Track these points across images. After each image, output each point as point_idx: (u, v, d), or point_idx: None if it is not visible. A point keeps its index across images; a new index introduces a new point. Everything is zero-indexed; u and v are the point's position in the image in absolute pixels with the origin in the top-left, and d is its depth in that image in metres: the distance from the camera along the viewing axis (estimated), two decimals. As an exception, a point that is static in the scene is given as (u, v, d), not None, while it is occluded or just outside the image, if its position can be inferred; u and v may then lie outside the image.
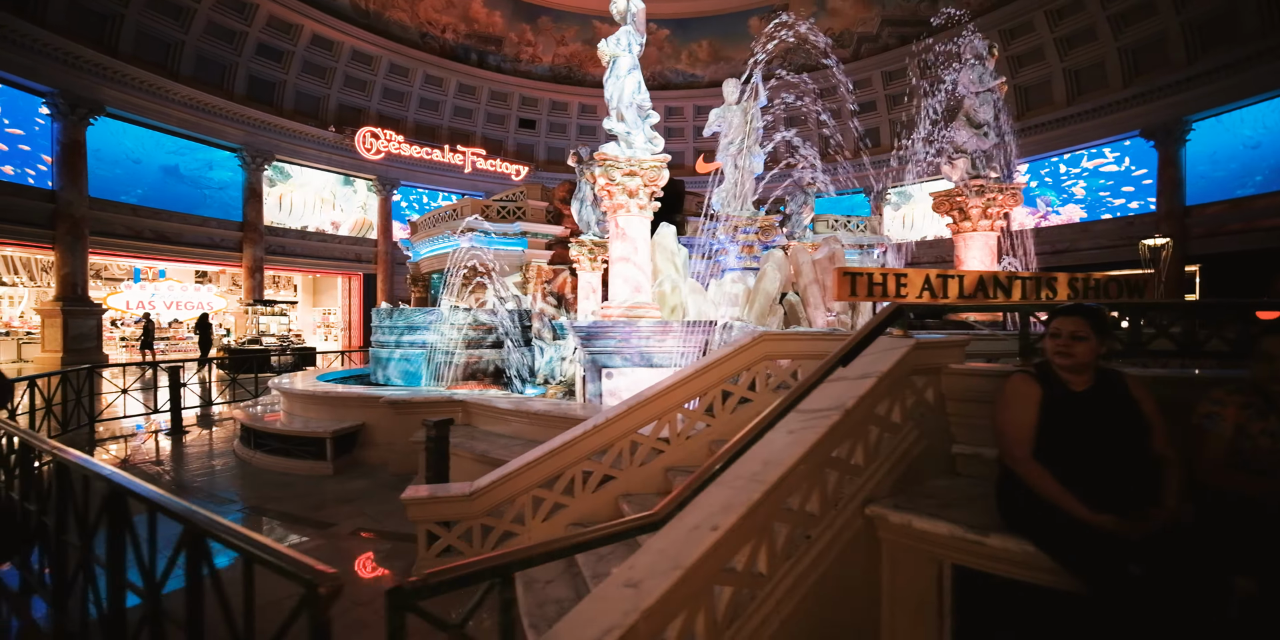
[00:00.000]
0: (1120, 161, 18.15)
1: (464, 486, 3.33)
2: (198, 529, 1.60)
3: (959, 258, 6.96)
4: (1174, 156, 16.57)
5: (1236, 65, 15.11)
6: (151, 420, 8.19)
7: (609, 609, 1.72)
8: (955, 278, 3.88)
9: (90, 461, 2.45)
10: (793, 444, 2.17)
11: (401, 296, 23.21)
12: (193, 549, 1.85)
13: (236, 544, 1.52)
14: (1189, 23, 15.94)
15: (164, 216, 17.09)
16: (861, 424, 2.38)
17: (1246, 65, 14.92)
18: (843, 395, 2.34)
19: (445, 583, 1.40)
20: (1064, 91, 18.95)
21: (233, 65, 18.31)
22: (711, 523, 1.94)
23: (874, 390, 2.36)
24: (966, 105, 6.68)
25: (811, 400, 2.35)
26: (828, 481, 2.29)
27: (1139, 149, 17.58)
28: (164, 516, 1.96)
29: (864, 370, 2.44)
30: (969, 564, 2.19)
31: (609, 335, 5.39)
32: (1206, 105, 15.89)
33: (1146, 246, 14.86)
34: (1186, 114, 16.34)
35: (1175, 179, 16.56)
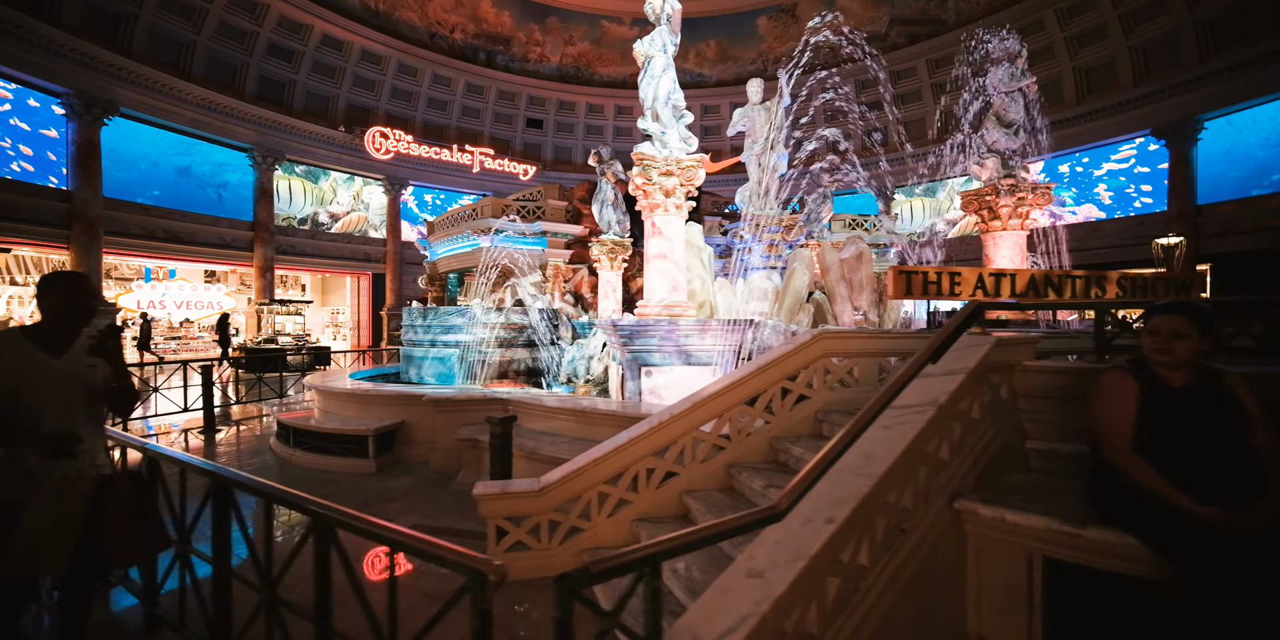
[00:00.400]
0: (1130, 160, 18.20)
1: (532, 482, 3.37)
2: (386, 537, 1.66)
3: (987, 256, 7.01)
4: (1185, 155, 16.60)
5: (1249, 64, 15.14)
6: (173, 419, 8.23)
7: (738, 598, 1.77)
8: (1008, 276, 3.93)
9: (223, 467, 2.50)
10: (892, 438, 2.21)
11: (411, 296, 23.23)
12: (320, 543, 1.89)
13: (405, 542, 1.57)
14: (1201, 21, 15.97)
15: (177, 216, 17.12)
16: (949, 420, 2.42)
17: (1259, 64, 14.95)
18: (933, 391, 2.38)
19: (606, 571, 1.44)
20: (1074, 90, 18.99)
21: (244, 65, 18.33)
22: (825, 515, 1.98)
23: (962, 387, 2.40)
24: (996, 104, 6.72)
25: (902, 396, 2.39)
26: (919, 476, 2.33)
27: (1150, 148, 17.62)
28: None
29: (949, 367, 2.49)
30: (1061, 556, 2.24)
31: (650, 334, 5.43)
32: (1219, 104, 15.92)
33: (1160, 245, 14.90)
34: (1198, 113, 16.36)
35: (1187, 178, 16.59)
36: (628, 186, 10.96)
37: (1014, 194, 6.58)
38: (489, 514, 3.31)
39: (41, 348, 2.09)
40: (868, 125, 23.36)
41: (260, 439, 7.22)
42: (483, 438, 5.07)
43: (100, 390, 2.22)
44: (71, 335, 2.17)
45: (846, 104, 21.45)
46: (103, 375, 2.21)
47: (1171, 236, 15.05)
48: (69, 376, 2.13)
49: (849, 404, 3.78)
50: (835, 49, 9.50)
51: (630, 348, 5.49)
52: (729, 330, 5.62)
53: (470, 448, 5.11)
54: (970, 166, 6.92)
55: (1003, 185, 6.47)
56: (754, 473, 3.39)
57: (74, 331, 2.17)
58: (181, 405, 8.19)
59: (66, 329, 2.15)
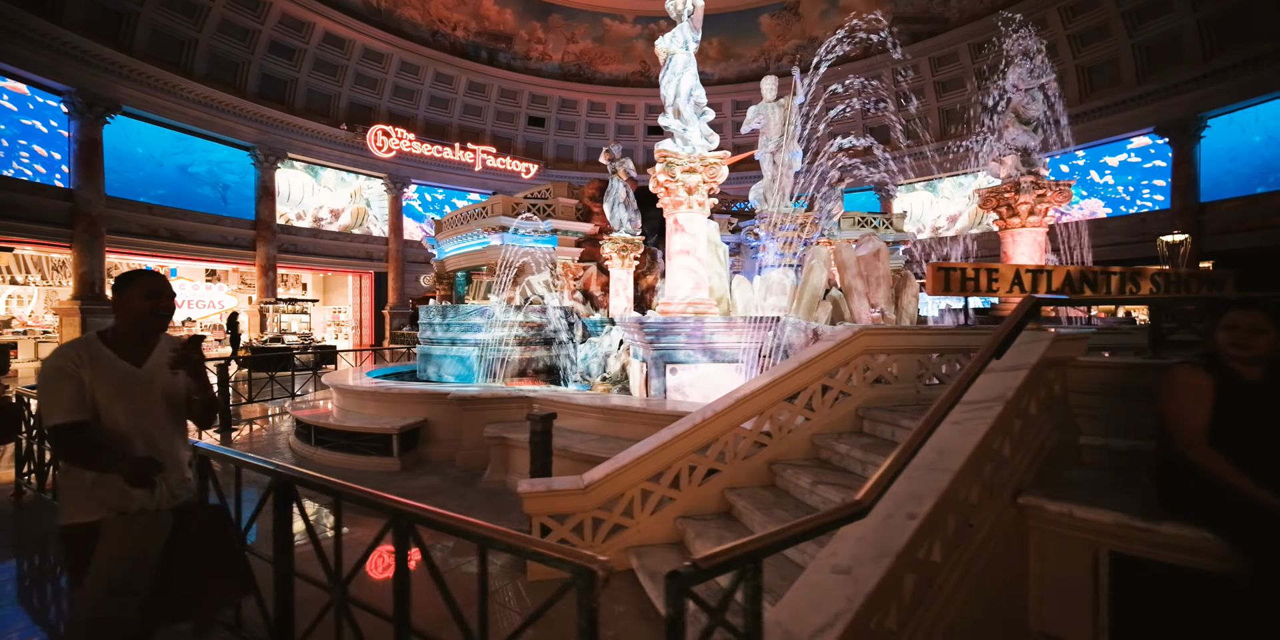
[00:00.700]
0: (1133, 158, 18.27)
1: (576, 480, 3.36)
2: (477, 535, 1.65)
3: (1006, 253, 7.01)
4: (1189, 153, 16.68)
5: (1253, 62, 15.21)
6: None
7: (827, 594, 1.76)
8: (1045, 273, 3.93)
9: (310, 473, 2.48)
10: (963, 434, 2.21)
11: (413, 295, 23.17)
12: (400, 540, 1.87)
13: (501, 539, 1.55)
14: (1205, 20, 16.04)
15: (179, 215, 17.01)
16: (1012, 416, 2.42)
17: (1263, 62, 15.02)
18: (998, 387, 2.38)
19: (714, 568, 1.43)
20: (1077, 88, 19.04)
21: (245, 63, 18.21)
22: (906, 511, 1.97)
23: (1026, 382, 2.40)
24: (1016, 102, 6.72)
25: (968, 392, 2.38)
26: (985, 472, 2.33)
27: (1153, 146, 17.70)
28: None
29: (1012, 363, 2.48)
30: (1130, 551, 2.23)
31: (676, 331, 5.41)
32: (1222, 102, 15.99)
33: (1165, 243, 14.97)
34: (1201, 111, 16.44)
35: (1190, 175, 16.66)
36: (638, 184, 10.97)
37: (1034, 191, 6.59)
38: (533, 511, 3.29)
39: (121, 355, 1.89)
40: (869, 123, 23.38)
41: (277, 437, 7.17)
42: (510, 435, 5.06)
43: (183, 401, 2.04)
44: (151, 341, 1.98)
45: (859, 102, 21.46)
46: (185, 385, 2.03)
47: (1177, 234, 15.12)
48: (153, 387, 1.93)
49: (889, 401, 3.77)
50: (837, 48, 9.48)
51: (656, 346, 5.47)
52: (754, 327, 5.62)
53: (498, 445, 5.08)
54: (989, 163, 6.92)
55: (1024, 182, 6.47)
56: (798, 470, 3.38)
57: (153, 336, 1.98)
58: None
59: (145, 334, 1.95)
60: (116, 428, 1.85)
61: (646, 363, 5.73)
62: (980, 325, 4.36)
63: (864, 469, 3.23)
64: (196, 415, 2.08)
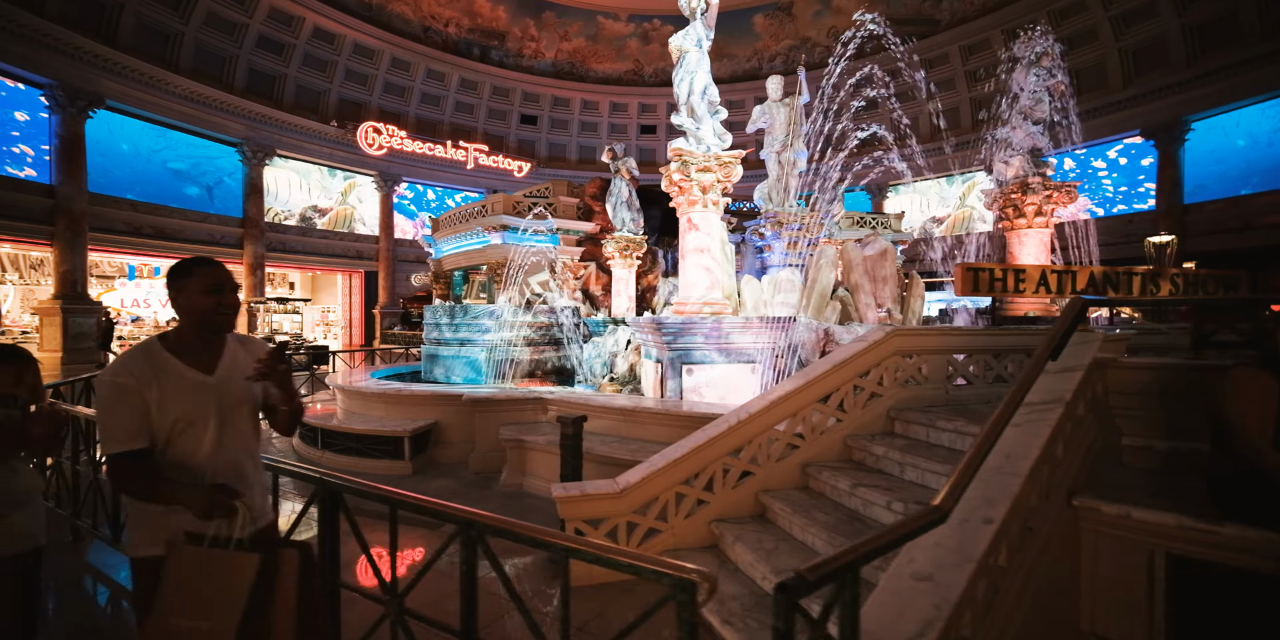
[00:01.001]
0: (1119, 160, 18.61)
1: (610, 484, 3.30)
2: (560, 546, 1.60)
3: (1012, 254, 7.08)
4: (1173, 156, 17.02)
5: (1235, 67, 15.55)
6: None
7: (914, 602, 1.73)
8: (1070, 274, 3.95)
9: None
10: (1026, 436, 2.20)
11: (404, 294, 22.86)
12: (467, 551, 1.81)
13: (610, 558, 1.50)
14: (1189, 25, 16.37)
15: (164, 212, 16.60)
16: (1067, 418, 2.41)
17: (1245, 67, 15.37)
18: (1055, 389, 2.37)
19: (821, 578, 1.39)
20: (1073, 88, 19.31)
21: (233, 58, 17.81)
22: (981, 516, 1.95)
23: (1082, 383, 2.40)
24: (1023, 104, 6.77)
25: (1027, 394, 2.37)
26: (1043, 474, 2.32)
27: (1138, 148, 18.04)
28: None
29: (1065, 364, 2.48)
30: (1188, 553, 2.24)
31: (694, 332, 5.37)
32: (1205, 106, 16.33)
33: (1152, 244, 15.26)
34: (1185, 114, 16.78)
35: (1174, 178, 17.01)
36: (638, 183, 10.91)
37: (1041, 192, 6.65)
38: (568, 516, 3.23)
39: (189, 363, 1.64)
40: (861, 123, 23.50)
41: (280, 441, 7.01)
42: (528, 437, 4.98)
43: (259, 410, 1.82)
44: (217, 342, 1.72)
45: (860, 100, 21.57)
46: (265, 393, 1.79)
47: (1163, 235, 15.43)
48: (229, 397, 1.68)
49: (919, 402, 3.77)
50: (830, 48, 9.50)
51: (674, 346, 5.43)
52: (770, 328, 5.60)
53: (514, 448, 5.01)
54: (996, 164, 6.98)
55: (1033, 183, 6.53)
56: (835, 472, 3.36)
57: (218, 337, 1.73)
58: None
59: (210, 335, 1.70)
60: (194, 448, 1.61)
61: (662, 363, 5.69)
62: (1006, 327, 4.38)
63: (902, 471, 3.22)
64: (281, 425, 1.85)
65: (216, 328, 1.69)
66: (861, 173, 10.04)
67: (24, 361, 1.98)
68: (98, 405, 1.62)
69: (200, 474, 1.62)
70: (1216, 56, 15.88)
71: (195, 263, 1.69)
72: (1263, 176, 15.47)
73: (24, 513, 1.91)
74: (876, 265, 7.69)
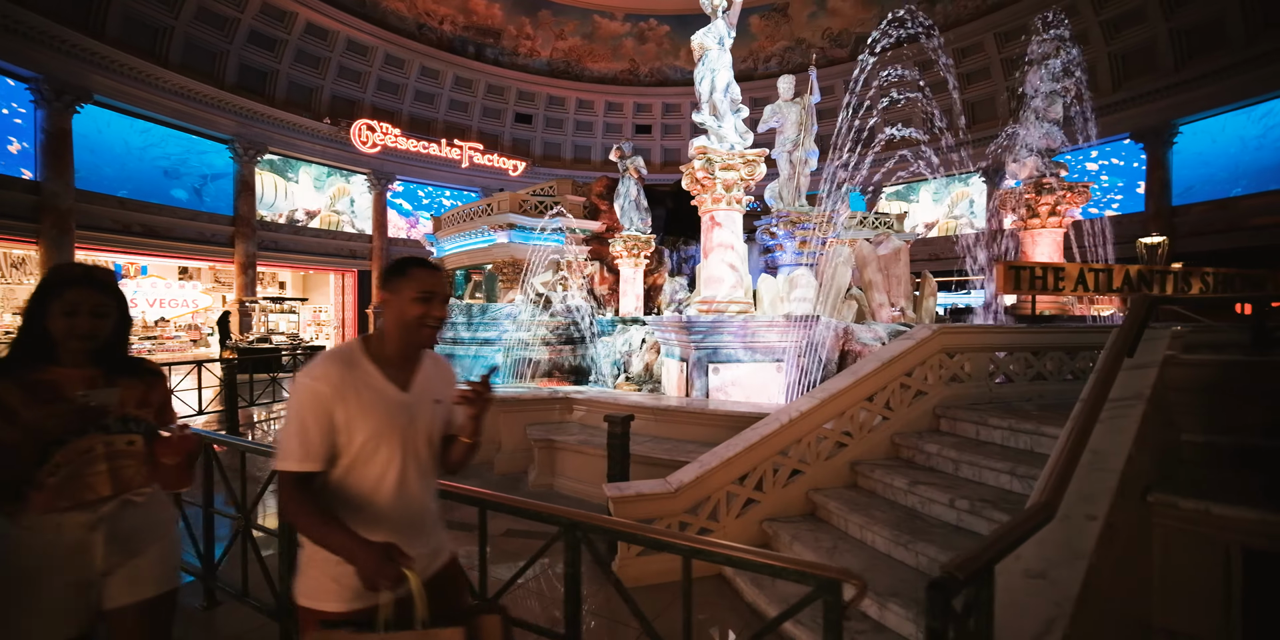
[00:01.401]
0: (1110, 162, 18.96)
1: (663, 484, 3.26)
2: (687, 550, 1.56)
3: (1025, 253, 7.15)
4: (1162, 159, 17.38)
5: (1222, 72, 15.90)
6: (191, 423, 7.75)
7: (1032, 600, 1.71)
8: (1106, 272, 3.98)
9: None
10: (1114, 432, 2.19)
11: (398, 294, 22.59)
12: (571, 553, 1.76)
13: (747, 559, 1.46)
14: (1177, 30, 16.71)
15: (153, 210, 16.22)
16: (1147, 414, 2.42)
17: (1231, 72, 15.72)
18: (1133, 385, 2.37)
19: (970, 577, 1.36)
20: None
21: (224, 53, 17.46)
22: (1084, 512, 1.94)
23: (1159, 378, 2.40)
24: (1036, 104, 6.85)
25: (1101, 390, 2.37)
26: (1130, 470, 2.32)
27: (1128, 150, 18.38)
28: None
29: (1139, 361, 2.48)
30: (1268, 548, 2.25)
31: (723, 330, 5.35)
32: (1193, 110, 16.68)
33: (1144, 245, 15.55)
34: (1174, 118, 17.13)
35: (1163, 180, 17.36)
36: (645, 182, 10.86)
37: (1053, 192, 6.72)
38: (622, 516, 3.17)
39: (388, 375, 1.41)
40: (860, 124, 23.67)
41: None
42: (558, 437, 4.92)
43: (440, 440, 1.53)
44: (416, 356, 1.49)
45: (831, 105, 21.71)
46: (452, 422, 1.55)
47: (1155, 236, 15.73)
48: (418, 420, 1.43)
49: (963, 399, 3.77)
50: (825, 50, 9.52)
51: (702, 345, 5.40)
52: (796, 326, 5.59)
53: (544, 448, 4.94)
54: (1009, 164, 7.05)
55: (1047, 183, 6.60)
56: (887, 470, 3.35)
57: (418, 351, 1.49)
58: (196, 408, 7.71)
59: (412, 348, 1.46)
60: (376, 481, 1.37)
61: (687, 362, 5.65)
62: (1044, 325, 4.42)
63: (957, 469, 3.22)
64: (454, 460, 1.57)
65: (420, 341, 1.45)
66: (872, 172, 10.07)
67: (151, 377, 1.65)
68: (288, 409, 1.38)
69: (379, 517, 1.37)
70: (1204, 61, 16.24)
71: (412, 263, 1.45)
72: (1250, 179, 15.84)
73: (159, 548, 1.58)
74: (890, 264, 7.74)
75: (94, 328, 1.47)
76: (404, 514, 1.41)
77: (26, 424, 1.36)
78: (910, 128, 17.51)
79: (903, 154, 22.16)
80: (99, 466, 1.46)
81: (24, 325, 1.47)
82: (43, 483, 1.40)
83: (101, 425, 1.47)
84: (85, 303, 1.45)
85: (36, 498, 1.40)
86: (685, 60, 24.70)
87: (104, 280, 1.53)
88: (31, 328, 1.46)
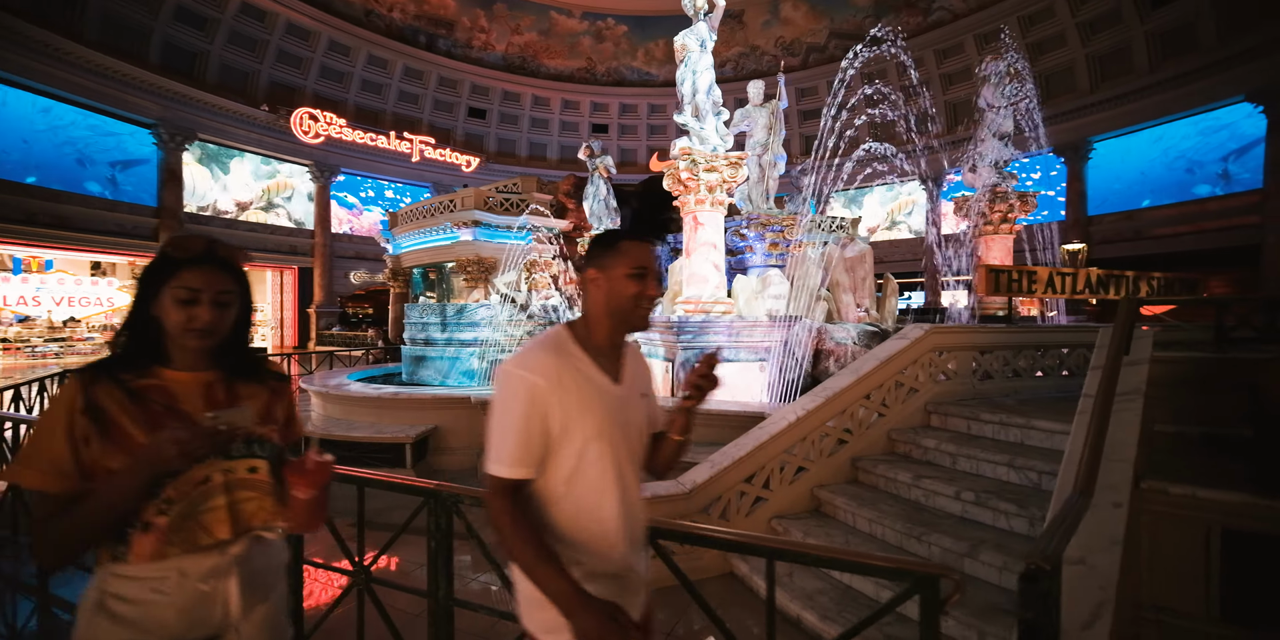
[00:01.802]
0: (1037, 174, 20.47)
1: (678, 485, 3.25)
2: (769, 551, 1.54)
3: (980, 258, 7.61)
4: (1079, 172, 18.95)
5: (1126, 96, 17.53)
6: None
7: (1078, 586, 1.82)
8: (1070, 276, 4.29)
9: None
10: (1122, 425, 2.36)
11: (342, 293, 21.51)
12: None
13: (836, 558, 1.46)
14: (1093, 55, 18.27)
15: (64, 199, 14.73)
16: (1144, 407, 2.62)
17: (1134, 97, 17.35)
18: (1130, 380, 2.57)
19: (1054, 568, 1.43)
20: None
21: (147, 30, 16.08)
22: (1108, 500, 2.08)
23: (1149, 374, 2.61)
24: (989, 118, 7.30)
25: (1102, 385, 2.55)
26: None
27: (1050, 163, 19.91)
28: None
29: (1133, 357, 2.69)
30: (1243, 527, 2.49)
31: (713, 331, 5.40)
32: (1105, 129, 18.28)
33: (1067, 251, 16.88)
34: (1089, 135, 18.70)
35: (1080, 192, 18.92)
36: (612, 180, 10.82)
37: (1006, 201, 7.19)
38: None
39: (601, 366, 1.22)
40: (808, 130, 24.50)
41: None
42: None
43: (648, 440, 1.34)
44: (623, 344, 1.30)
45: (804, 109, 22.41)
46: (661, 417, 1.37)
47: (1075, 242, 17.12)
48: (631, 417, 1.25)
49: (950, 396, 3.97)
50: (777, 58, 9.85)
51: (691, 345, 5.43)
52: (779, 326, 5.72)
53: (533, 452, 4.82)
54: (965, 174, 7.48)
55: (999, 192, 7.06)
56: (888, 465, 3.48)
57: (625, 336, 1.29)
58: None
59: (624, 332, 1.27)
60: (599, 496, 1.16)
61: (672, 363, 5.67)
62: (1021, 326, 4.73)
63: (954, 462, 3.38)
64: (664, 462, 1.39)
65: (635, 324, 1.25)
66: (822, 178, 10.42)
67: (276, 383, 1.32)
68: (497, 405, 1.15)
69: (606, 544, 1.16)
70: (1113, 85, 17.85)
71: (621, 235, 1.26)
72: (1153, 194, 17.52)
73: (280, 592, 1.31)
74: (856, 266, 8.04)
75: (217, 320, 1.13)
76: (630, 537, 1.20)
77: (144, 455, 1.02)
78: (864, 135, 18.22)
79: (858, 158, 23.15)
80: (216, 501, 1.13)
81: (130, 314, 1.16)
82: (150, 523, 1.07)
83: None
84: (208, 287, 1.11)
85: (142, 542, 1.07)
86: (643, 61, 24.78)
87: (228, 259, 1.18)
88: (139, 317, 1.14)
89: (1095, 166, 18.93)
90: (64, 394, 1.07)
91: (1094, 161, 18.92)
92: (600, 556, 1.16)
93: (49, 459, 1.03)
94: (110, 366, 1.12)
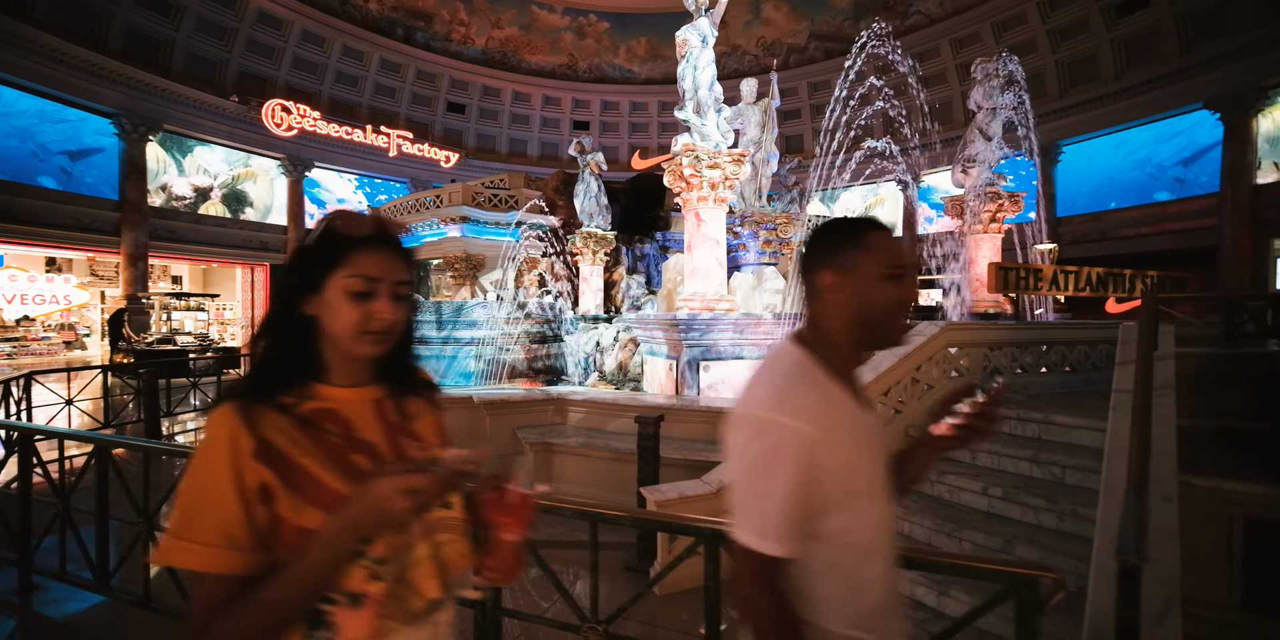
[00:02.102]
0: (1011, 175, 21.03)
1: (704, 484, 3.21)
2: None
3: (970, 257, 7.77)
4: (1050, 174, 19.56)
5: (1092, 102, 18.18)
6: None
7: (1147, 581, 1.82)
8: (1073, 274, 4.39)
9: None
10: (1160, 420, 2.40)
11: (316, 291, 20.87)
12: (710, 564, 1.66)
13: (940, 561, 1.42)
14: (1062, 61, 18.88)
15: (15, 191, 13.93)
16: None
17: (1099, 103, 18.00)
18: (1161, 375, 2.61)
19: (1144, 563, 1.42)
20: (962, 112, 21.55)
21: (107, 14, 15.31)
22: (1159, 494, 2.10)
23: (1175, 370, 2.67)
24: (979, 119, 7.45)
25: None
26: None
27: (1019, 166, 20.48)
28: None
29: (1159, 353, 2.74)
30: (1267, 516, 2.56)
31: (715, 329, 5.37)
32: (1073, 133, 18.92)
33: (1039, 251, 17.40)
34: (1059, 139, 19.32)
35: (1050, 194, 19.54)
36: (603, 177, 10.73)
37: (995, 201, 7.35)
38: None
39: (848, 392, 1.00)
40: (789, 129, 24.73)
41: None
42: (556, 441, 4.72)
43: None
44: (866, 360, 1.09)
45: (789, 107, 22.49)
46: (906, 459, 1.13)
47: (1046, 242, 17.66)
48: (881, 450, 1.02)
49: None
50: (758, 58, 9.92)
51: (697, 343, 5.38)
52: (782, 323, 5.72)
53: (540, 452, 4.72)
54: (955, 174, 7.62)
55: (992, 191, 7.21)
56: (909, 461, 3.49)
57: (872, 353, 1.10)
58: (102, 420, 6.65)
59: (876, 348, 1.06)
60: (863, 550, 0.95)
61: (677, 360, 5.62)
62: (1029, 323, 4.82)
63: (974, 457, 3.41)
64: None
65: (892, 339, 1.01)
66: (803, 177, 10.53)
67: (433, 394, 1.06)
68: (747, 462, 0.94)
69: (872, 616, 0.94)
70: (1080, 91, 18.49)
71: (863, 225, 1.01)
72: (1118, 197, 18.20)
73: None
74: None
75: (396, 318, 0.87)
76: (894, 607, 0.99)
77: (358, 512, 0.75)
78: (863, 135, 18.35)
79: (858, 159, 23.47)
80: (420, 551, 0.87)
81: (273, 313, 0.89)
82: (361, 593, 0.80)
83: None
84: (387, 275, 0.86)
85: (353, 621, 0.80)
86: (625, 58, 24.66)
87: (397, 239, 0.91)
88: (287, 317, 0.88)
89: (1064, 169, 19.57)
90: (218, 432, 0.78)
91: (1062, 164, 19.55)
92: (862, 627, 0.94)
93: (216, 528, 0.75)
94: (269, 387, 0.84)
